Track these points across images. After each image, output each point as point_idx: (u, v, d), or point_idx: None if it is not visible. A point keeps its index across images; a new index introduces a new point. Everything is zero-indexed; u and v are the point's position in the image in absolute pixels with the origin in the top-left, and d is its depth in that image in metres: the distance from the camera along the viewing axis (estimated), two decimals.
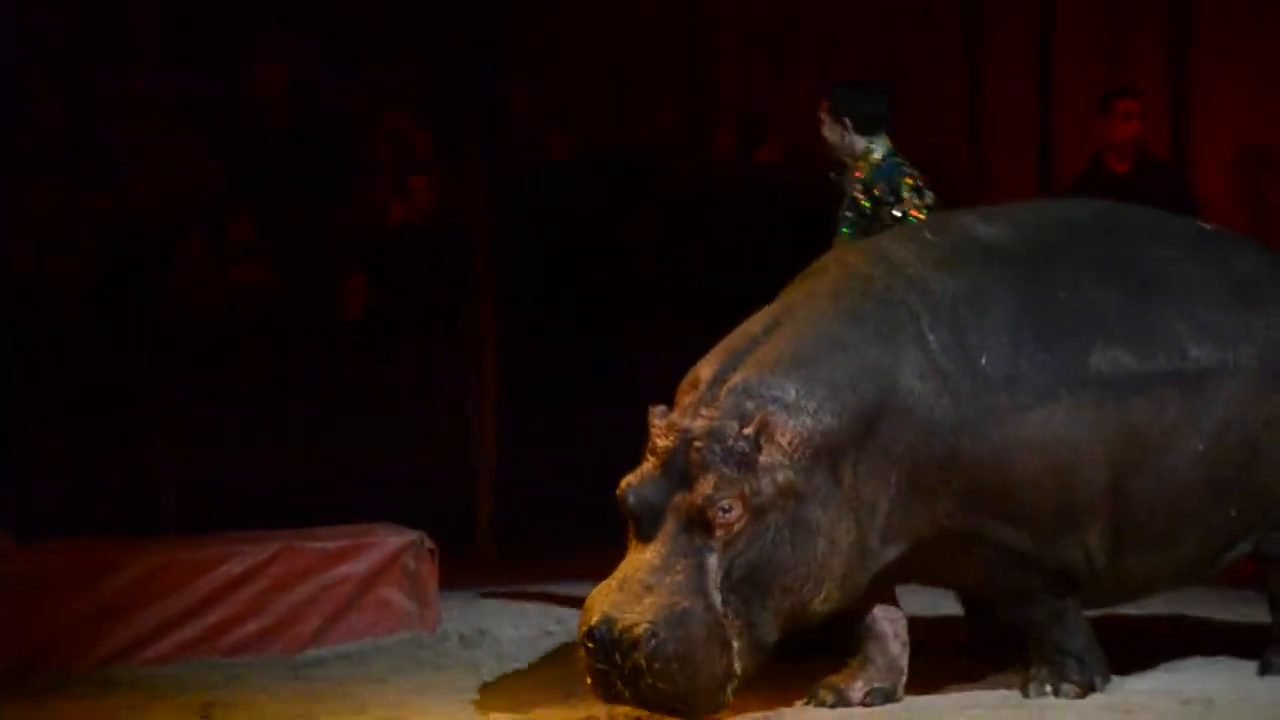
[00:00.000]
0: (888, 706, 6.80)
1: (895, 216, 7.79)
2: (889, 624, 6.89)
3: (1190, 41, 11.75)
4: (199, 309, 11.33)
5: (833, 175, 8.16)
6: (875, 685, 6.84)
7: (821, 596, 6.47)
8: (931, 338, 6.65)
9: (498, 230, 11.56)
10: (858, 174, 8.00)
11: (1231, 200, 11.44)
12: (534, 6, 13.08)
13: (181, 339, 11.17)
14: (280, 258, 11.62)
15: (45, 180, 11.42)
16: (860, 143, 8.03)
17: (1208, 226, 7.48)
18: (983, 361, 6.64)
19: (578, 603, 6.74)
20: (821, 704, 6.78)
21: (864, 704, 6.78)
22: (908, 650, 6.92)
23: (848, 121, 8.04)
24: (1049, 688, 6.79)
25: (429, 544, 8.53)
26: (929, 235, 7.02)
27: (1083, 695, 6.77)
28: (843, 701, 6.78)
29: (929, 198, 7.86)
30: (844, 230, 7.92)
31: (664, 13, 13.12)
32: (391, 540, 8.49)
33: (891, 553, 6.64)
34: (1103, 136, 10.63)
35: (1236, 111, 11.53)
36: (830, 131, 8.09)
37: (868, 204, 7.91)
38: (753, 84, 12.67)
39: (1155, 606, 7.75)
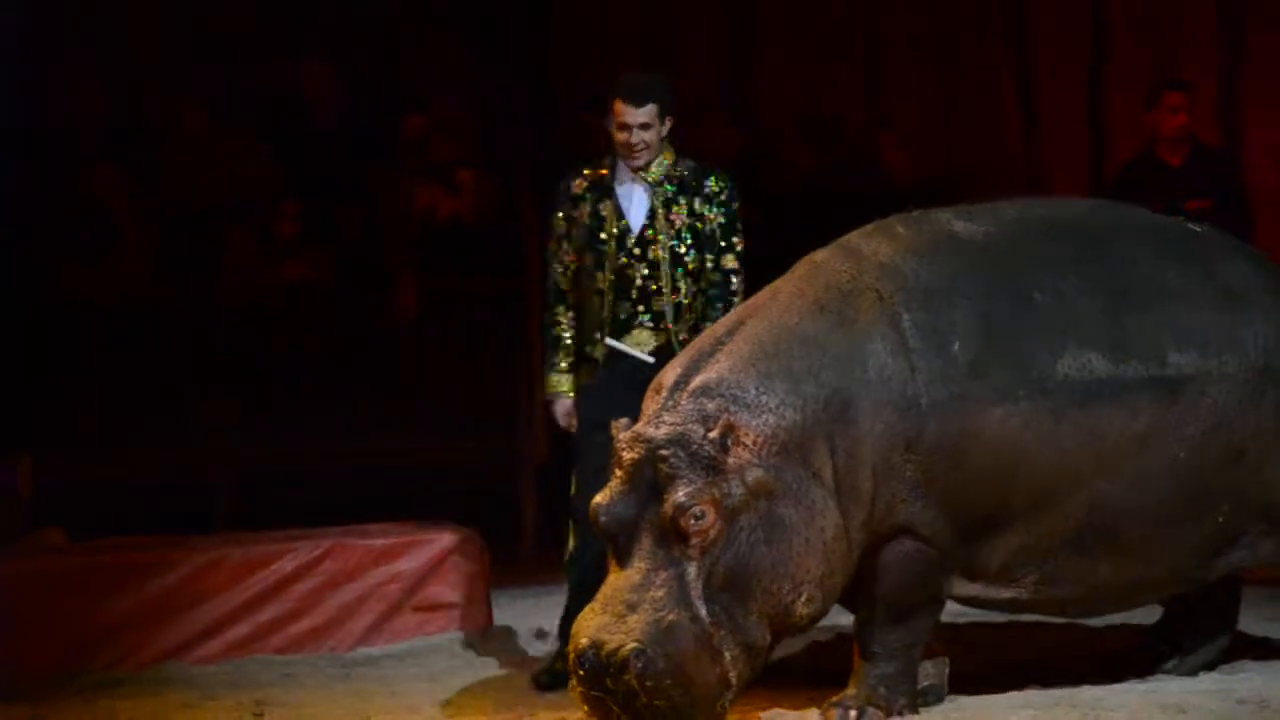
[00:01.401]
0: (940, 705, 6.72)
1: (714, 215, 7.54)
2: None
3: (1241, 31, 11.69)
4: (247, 303, 11.37)
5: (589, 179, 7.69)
6: (926, 683, 6.74)
7: (803, 598, 6.29)
8: (905, 316, 6.50)
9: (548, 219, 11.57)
10: (651, 178, 7.58)
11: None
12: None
13: (232, 333, 11.23)
14: (329, 253, 11.66)
15: (97, 172, 11.47)
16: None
17: (1198, 228, 7.22)
18: (955, 348, 6.50)
19: None
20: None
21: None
22: (946, 648, 6.82)
23: (668, 121, 7.59)
24: (853, 712, 6.50)
25: (479, 541, 8.54)
26: (901, 230, 6.82)
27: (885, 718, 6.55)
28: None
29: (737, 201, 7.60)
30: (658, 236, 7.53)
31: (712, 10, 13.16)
32: (442, 537, 8.48)
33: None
34: (1152, 129, 10.56)
35: None
36: (657, 136, 7.54)
37: (685, 211, 7.57)
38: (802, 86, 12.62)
39: None
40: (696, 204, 7.62)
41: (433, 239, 11.79)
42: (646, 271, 7.57)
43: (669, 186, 7.62)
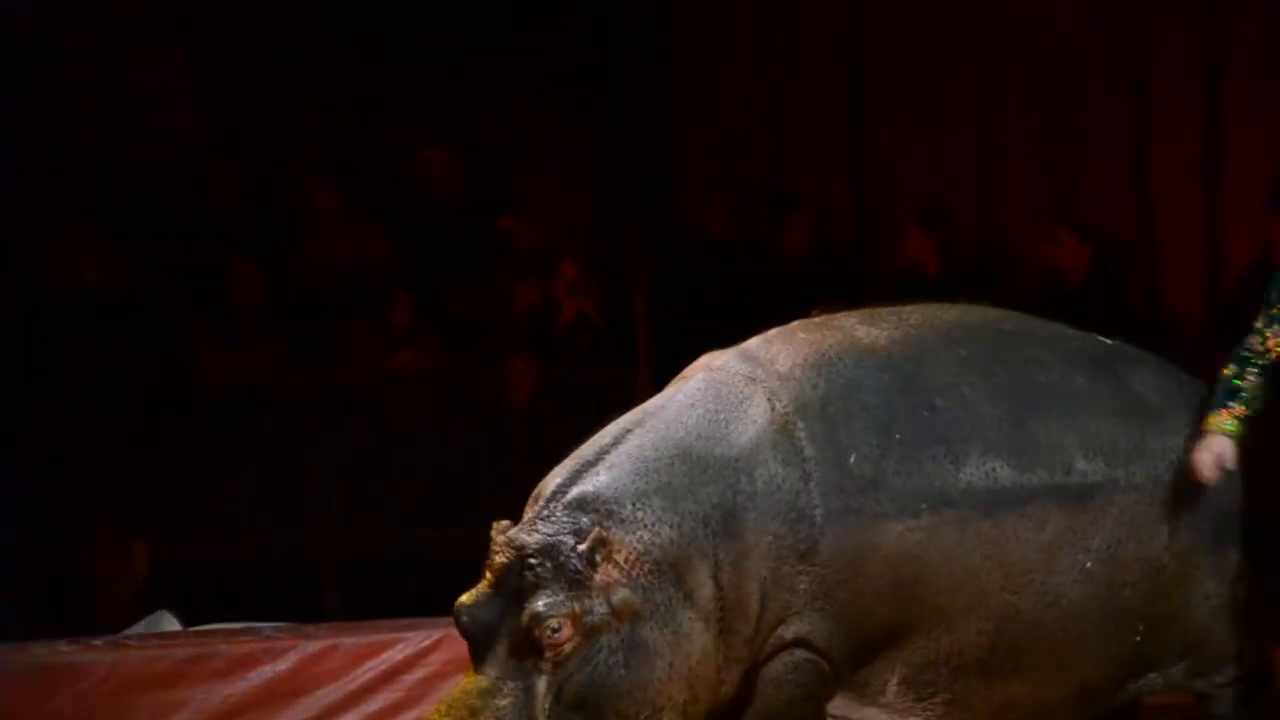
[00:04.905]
0: None
1: None
2: None
3: None
4: (362, 388, 11.45)
5: None
6: None
7: None
8: (800, 425, 6.20)
9: (660, 308, 11.60)
10: None
11: None
12: (700, 91, 13.18)
13: (343, 419, 11.30)
14: (441, 341, 11.73)
15: (220, 257, 11.62)
16: None
17: (1109, 341, 6.91)
18: (851, 460, 6.21)
19: None
20: None
21: None
22: None
23: None
24: None
25: None
26: (803, 335, 6.51)
27: None
28: None
29: None
30: None
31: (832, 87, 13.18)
32: None
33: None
34: (1270, 236, 10.52)
35: None
36: None
37: None
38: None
39: None
40: None
41: (546, 329, 11.84)
42: None
43: None
